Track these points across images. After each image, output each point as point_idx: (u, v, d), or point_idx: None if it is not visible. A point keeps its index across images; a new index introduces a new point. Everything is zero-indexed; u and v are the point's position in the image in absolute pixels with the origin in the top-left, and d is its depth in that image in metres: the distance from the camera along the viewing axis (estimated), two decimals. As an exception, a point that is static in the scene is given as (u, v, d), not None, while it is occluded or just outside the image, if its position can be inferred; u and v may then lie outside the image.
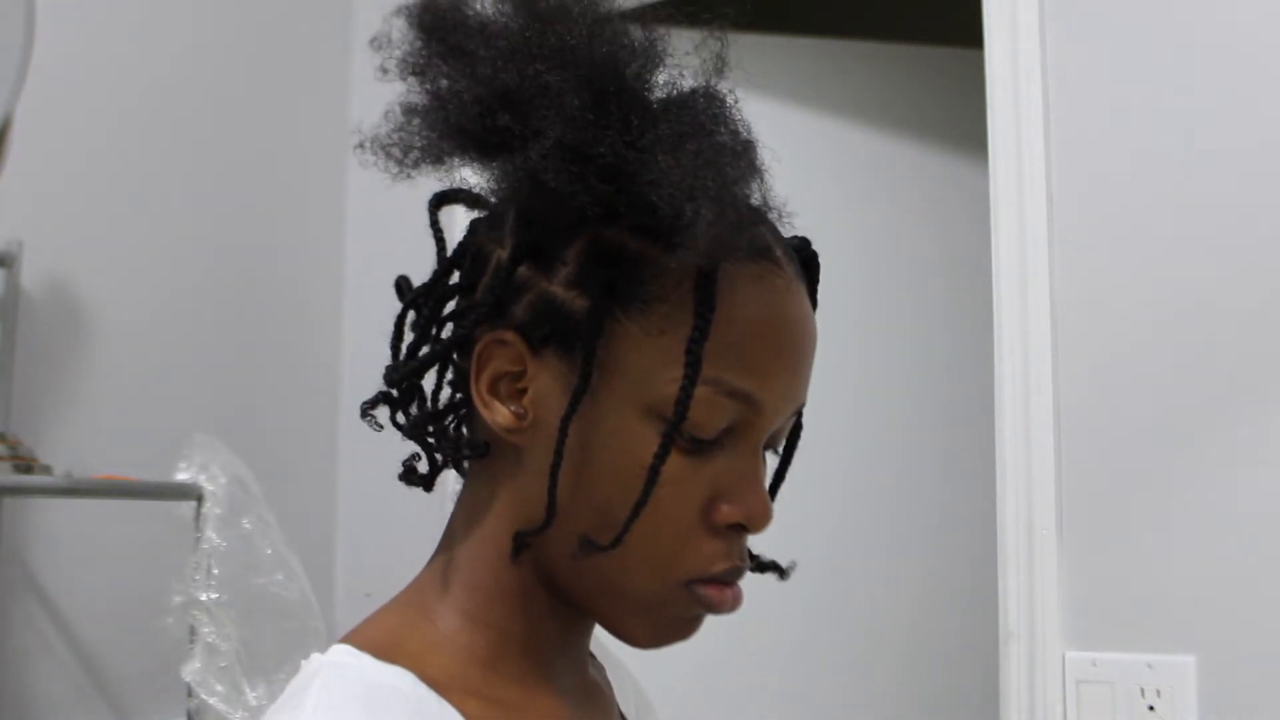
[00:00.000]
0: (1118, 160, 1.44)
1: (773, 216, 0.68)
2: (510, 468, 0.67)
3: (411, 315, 0.72)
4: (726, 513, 0.65)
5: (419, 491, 0.74)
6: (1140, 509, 1.39)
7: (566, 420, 0.63)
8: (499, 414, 0.66)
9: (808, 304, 0.68)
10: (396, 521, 2.02)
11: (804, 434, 0.73)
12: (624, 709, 0.78)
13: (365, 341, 2.15)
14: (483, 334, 0.66)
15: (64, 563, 1.69)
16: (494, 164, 0.65)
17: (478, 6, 0.66)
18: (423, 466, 0.72)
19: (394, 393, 0.70)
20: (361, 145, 0.66)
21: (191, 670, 1.49)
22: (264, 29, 2.10)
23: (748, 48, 0.66)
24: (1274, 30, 1.37)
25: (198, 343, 1.92)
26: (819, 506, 0.74)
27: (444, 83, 0.65)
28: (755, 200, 0.66)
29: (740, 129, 0.65)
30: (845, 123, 2.27)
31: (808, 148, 2.19)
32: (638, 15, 0.66)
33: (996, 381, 1.48)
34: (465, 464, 0.71)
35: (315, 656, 0.65)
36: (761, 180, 0.65)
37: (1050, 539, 1.42)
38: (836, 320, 0.72)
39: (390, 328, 0.72)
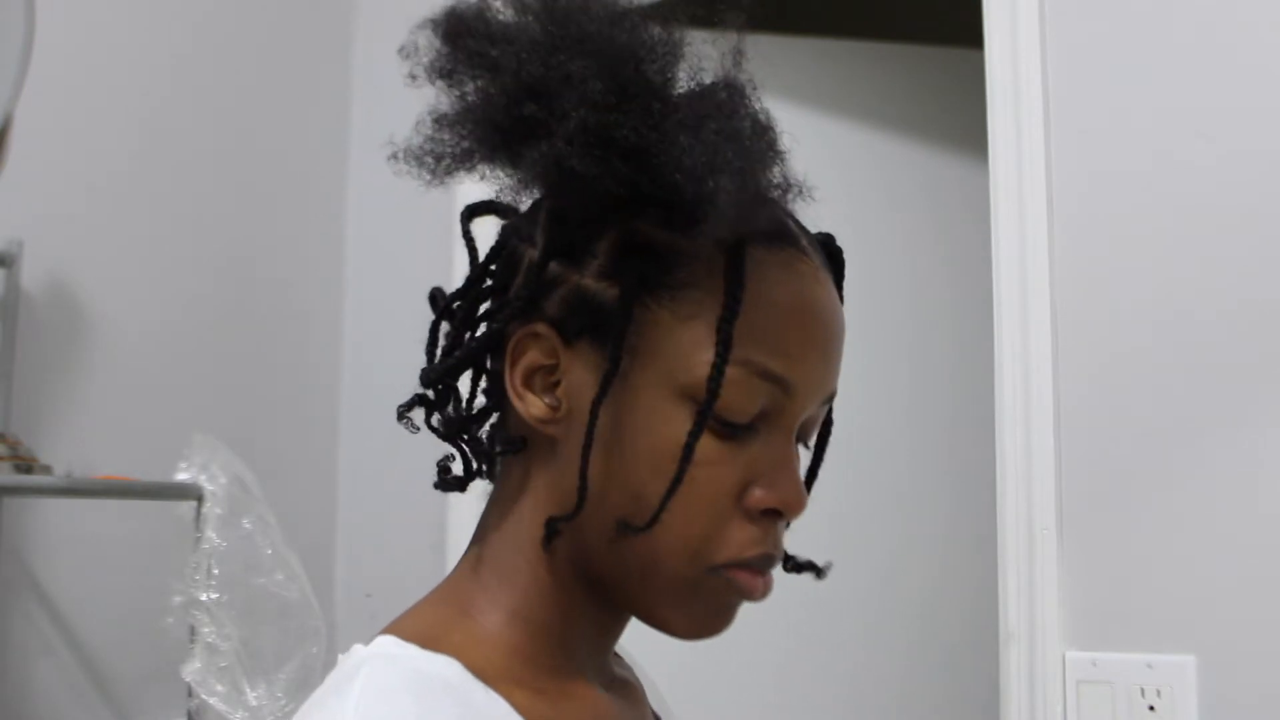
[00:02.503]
0: (1118, 160, 1.44)
1: (793, 195, 0.69)
2: (545, 460, 0.68)
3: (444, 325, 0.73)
4: (760, 498, 0.65)
5: (418, 492, 0.74)
6: (1140, 509, 1.39)
7: (596, 403, 0.64)
8: (533, 405, 0.67)
9: (834, 292, 0.70)
10: (396, 521, 2.03)
11: (804, 435, 0.73)
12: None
13: (365, 341, 2.15)
14: (515, 330, 0.67)
15: (64, 563, 1.69)
16: (522, 157, 0.66)
17: (499, 10, 0.67)
18: (457, 468, 0.73)
19: (430, 395, 0.71)
20: (395, 156, 0.67)
21: (191, 670, 1.49)
22: (265, 31, 2.10)
23: (747, 47, 0.67)
24: (1275, 30, 1.37)
25: (198, 343, 1.92)
26: (819, 507, 0.75)
27: (471, 83, 0.66)
28: (777, 182, 0.67)
29: (760, 115, 0.66)
30: (845, 123, 2.27)
31: (808, 148, 2.19)
32: (655, 12, 0.68)
33: (996, 382, 1.48)
34: (498, 464, 0.72)
35: (357, 648, 0.65)
36: (783, 163, 0.67)
37: (1050, 539, 1.42)
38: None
39: (389, 328, 0.74)
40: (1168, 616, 1.35)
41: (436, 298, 0.75)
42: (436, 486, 0.74)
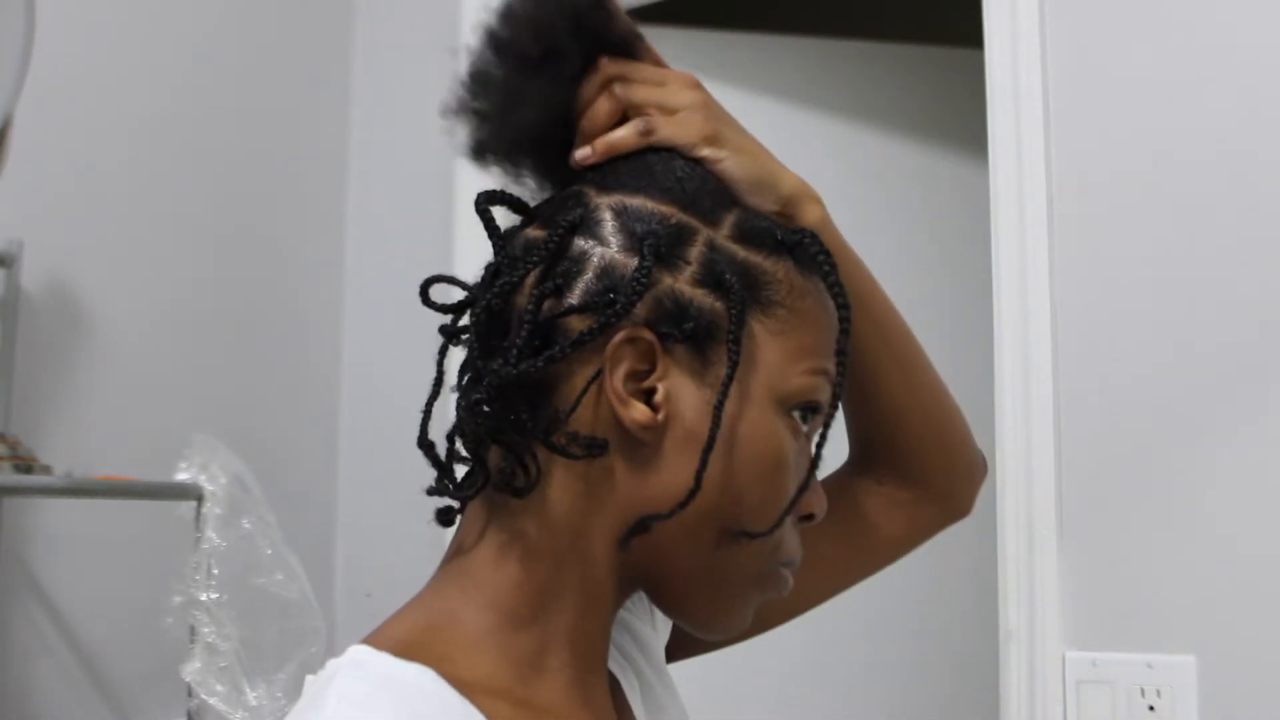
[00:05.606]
0: (1118, 160, 1.44)
1: None
2: (622, 465, 0.66)
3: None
4: (808, 502, 0.71)
5: (418, 492, 0.73)
6: (1140, 509, 1.39)
7: (719, 409, 0.65)
8: (636, 411, 0.66)
9: None
10: (396, 522, 2.02)
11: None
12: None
13: (365, 341, 2.15)
14: (609, 332, 0.66)
15: (64, 563, 1.69)
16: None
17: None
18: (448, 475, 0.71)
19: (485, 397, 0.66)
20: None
21: (191, 670, 1.49)
22: (265, 31, 2.10)
23: (748, 48, 0.67)
24: (1274, 30, 1.37)
25: (198, 343, 1.92)
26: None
27: None
28: None
29: None
30: (845, 123, 2.27)
31: (808, 148, 2.19)
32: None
33: (996, 381, 1.48)
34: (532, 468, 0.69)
35: (332, 662, 0.64)
36: None
37: (1050, 539, 1.42)
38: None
39: (389, 328, 0.72)
40: (1168, 616, 1.35)
41: (428, 287, 0.72)
42: (511, 490, 0.68)
